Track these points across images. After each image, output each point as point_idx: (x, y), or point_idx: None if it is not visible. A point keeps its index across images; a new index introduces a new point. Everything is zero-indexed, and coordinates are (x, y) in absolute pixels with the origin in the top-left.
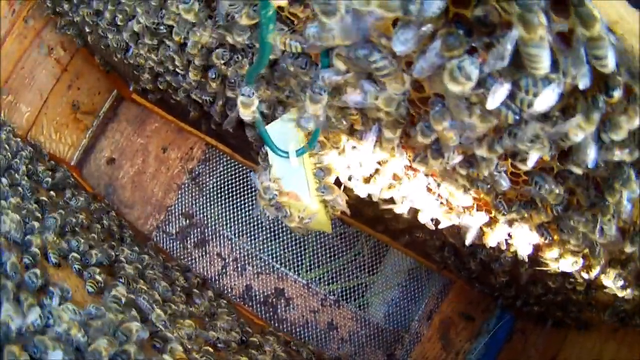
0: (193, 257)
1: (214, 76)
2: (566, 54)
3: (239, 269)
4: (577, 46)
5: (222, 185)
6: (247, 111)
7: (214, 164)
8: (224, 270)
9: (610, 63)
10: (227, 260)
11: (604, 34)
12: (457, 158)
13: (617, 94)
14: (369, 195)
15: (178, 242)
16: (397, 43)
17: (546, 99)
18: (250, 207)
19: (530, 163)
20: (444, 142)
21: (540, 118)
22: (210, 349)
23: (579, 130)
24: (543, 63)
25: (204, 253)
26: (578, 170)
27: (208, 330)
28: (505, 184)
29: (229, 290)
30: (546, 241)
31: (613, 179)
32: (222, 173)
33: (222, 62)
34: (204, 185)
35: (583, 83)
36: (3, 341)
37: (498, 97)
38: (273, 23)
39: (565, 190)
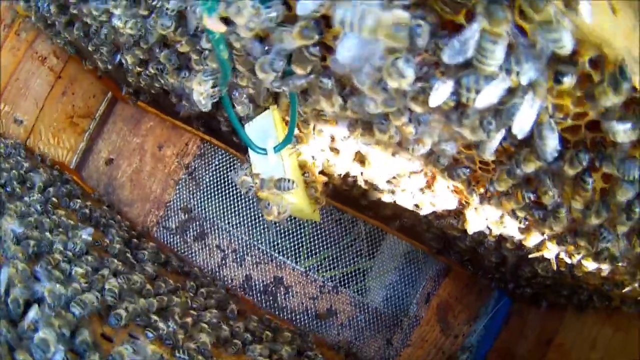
0: (193, 250)
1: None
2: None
3: (238, 259)
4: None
5: (219, 179)
6: (202, 96)
7: (210, 158)
8: (223, 262)
9: (567, 44)
10: (226, 252)
11: (556, 16)
12: (422, 149)
13: (568, 80)
14: (351, 176)
15: (178, 237)
16: (342, 51)
17: (488, 96)
18: (247, 199)
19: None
20: (404, 137)
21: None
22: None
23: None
24: (496, 60)
25: (203, 246)
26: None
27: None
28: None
29: (230, 281)
30: (522, 226)
31: None
32: (217, 167)
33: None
34: (201, 179)
35: (525, 79)
36: None
37: (440, 95)
38: (223, 44)
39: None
